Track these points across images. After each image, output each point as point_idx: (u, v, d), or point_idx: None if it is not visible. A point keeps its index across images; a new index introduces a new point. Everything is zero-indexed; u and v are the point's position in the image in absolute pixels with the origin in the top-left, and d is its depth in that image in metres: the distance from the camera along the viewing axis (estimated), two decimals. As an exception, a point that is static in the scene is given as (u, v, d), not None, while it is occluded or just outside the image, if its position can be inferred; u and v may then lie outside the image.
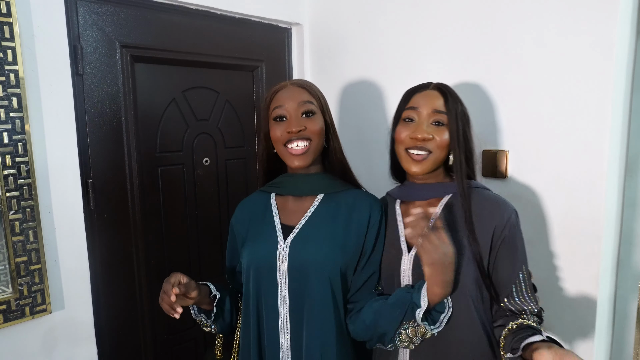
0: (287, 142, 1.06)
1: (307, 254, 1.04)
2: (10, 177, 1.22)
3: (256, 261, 1.08)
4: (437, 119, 1.02)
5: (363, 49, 1.77)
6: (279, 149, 1.09)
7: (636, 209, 1.30)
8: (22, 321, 1.27)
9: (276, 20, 1.87)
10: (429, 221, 0.92)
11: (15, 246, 1.24)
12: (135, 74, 1.53)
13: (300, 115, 1.07)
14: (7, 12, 1.17)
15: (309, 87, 1.11)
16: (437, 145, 1.01)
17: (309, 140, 1.07)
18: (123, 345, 1.57)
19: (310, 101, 1.08)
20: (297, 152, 1.06)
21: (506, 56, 1.36)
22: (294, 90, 1.09)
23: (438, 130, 1.02)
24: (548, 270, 1.34)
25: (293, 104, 1.07)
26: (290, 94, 1.08)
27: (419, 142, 1.01)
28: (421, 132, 1.01)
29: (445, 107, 1.02)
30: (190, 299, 1.04)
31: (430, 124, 1.02)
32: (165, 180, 1.64)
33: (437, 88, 1.06)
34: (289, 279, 1.04)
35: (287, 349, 1.05)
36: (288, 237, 1.07)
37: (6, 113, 1.20)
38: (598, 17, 1.18)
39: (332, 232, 1.06)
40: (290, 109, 1.07)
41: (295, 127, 1.04)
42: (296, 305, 1.04)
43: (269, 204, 1.16)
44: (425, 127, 1.01)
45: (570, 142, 1.27)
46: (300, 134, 1.05)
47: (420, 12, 1.56)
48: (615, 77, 1.19)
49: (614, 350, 1.36)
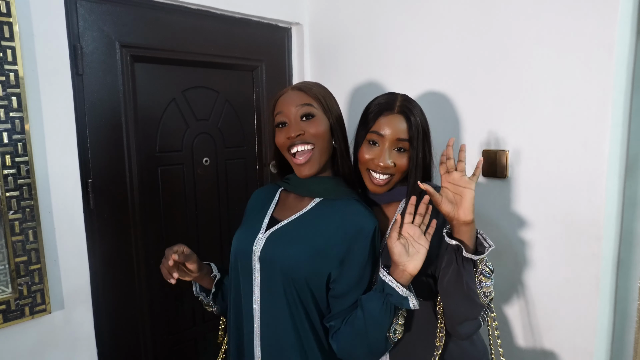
0: (290, 147, 1.06)
1: (276, 249, 1.04)
2: (10, 177, 1.22)
3: (236, 247, 1.12)
4: (400, 146, 1.07)
5: (363, 48, 1.77)
6: (285, 156, 1.10)
7: (636, 209, 1.30)
8: (22, 321, 1.27)
9: (276, 20, 1.87)
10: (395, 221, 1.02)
11: (15, 246, 1.23)
12: (135, 73, 1.53)
13: (300, 119, 1.06)
14: (6, 12, 1.17)
15: (307, 89, 1.09)
16: (397, 169, 1.08)
17: (311, 144, 1.06)
18: (123, 346, 1.57)
19: (308, 103, 1.07)
20: (301, 161, 1.06)
21: (506, 56, 1.36)
22: (292, 94, 1.08)
23: (399, 156, 1.07)
24: (548, 270, 1.34)
25: (291, 108, 1.06)
26: (289, 98, 1.08)
27: (381, 168, 1.07)
28: (384, 160, 1.06)
29: (408, 134, 1.06)
30: (190, 273, 1.11)
31: (393, 150, 1.07)
32: (165, 180, 1.64)
33: (401, 111, 1.08)
34: (260, 269, 1.05)
35: (258, 336, 1.07)
36: (269, 230, 1.08)
37: (6, 113, 1.20)
38: (598, 17, 1.18)
39: (313, 236, 1.04)
40: (289, 114, 1.06)
41: (294, 132, 1.04)
42: (265, 295, 1.05)
43: (273, 196, 1.19)
44: (388, 155, 1.07)
45: (570, 142, 1.26)
46: (300, 138, 1.05)
47: (420, 12, 1.56)
48: (615, 77, 1.18)
49: (614, 350, 1.36)
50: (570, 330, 1.31)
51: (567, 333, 1.32)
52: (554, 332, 1.35)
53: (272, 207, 1.15)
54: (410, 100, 1.11)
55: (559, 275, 1.32)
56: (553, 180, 1.30)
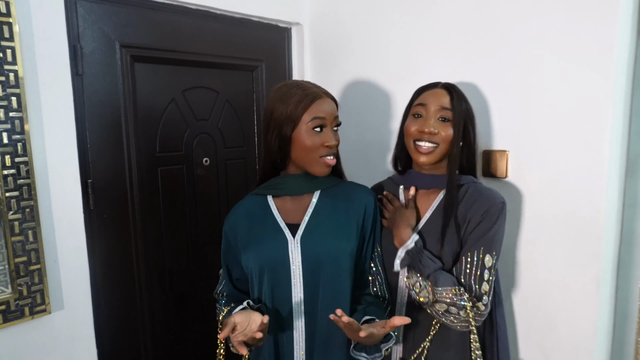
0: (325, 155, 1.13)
1: (319, 246, 1.11)
2: (10, 177, 1.21)
3: (268, 261, 1.12)
4: (443, 115, 1.14)
5: (363, 48, 1.77)
6: (310, 157, 1.13)
7: (636, 209, 1.30)
8: (22, 321, 1.27)
9: (276, 20, 1.87)
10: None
11: (14, 246, 1.23)
12: (135, 74, 1.53)
13: (333, 128, 1.14)
14: (6, 12, 1.17)
15: (335, 100, 1.18)
16: (442, 139, 1.13)
17: (335, 155, 1.16)
18: (123, 346, 1.57)
19: (338, 115, 1.16)
20: (332, 163, 1.14)
21: (507, 56, 1.36)
22: (330, 103, 1.14)
23: (443, 125, 1.13)
24: (548, 270, 1.34)
25: (331, 118, 1.13)
26: (330, 108, 1.13)
27: (426, 135, 1.13)
28: (428, 127, 1.12)
29: (451, 104, 1.13)
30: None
31: (437, 120, 1.14)
32: (165, 180, 1.64)
33: (445, 87, 1.17)
34: (303, 273, 1.11)
35: (301, 339, 1.12)
36: (296, 235, 1.13)
37: (6, 113, 1.20)
38: (598, 17, 1.18)
39: (336, 223, 1.14)
40: (328, 122, 1.12)
41: (333, 142, 1.12)
42: (310, 296, 1.11)
43: (267, 206, 1.19)
44: (433, 122, 1.13)
45: (570, 142, 1.26)
46: (335, 148, 1.14)
47: (421, 12, 1.56)
48: (615, 77, 1.18)
49: (614, 350, 1.36)
50: (570, 330, 1.31)
51: (567, 333, 1.32)
52: (554, 332, 1.35)
53: (277, 215, 1.17)
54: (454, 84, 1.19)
55: (559, 275, 1.32)
56: (553, 180, 1.30)
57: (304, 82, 1.15)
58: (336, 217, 1.15)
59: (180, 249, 1.69)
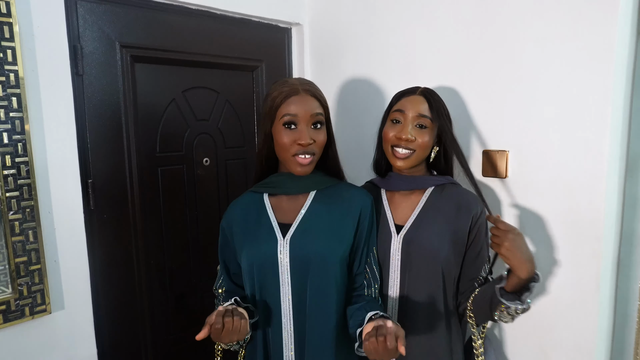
0: (295, 154, 1.08)
1: (307, 248, 1.09)
2: (10, 177, 1.21)
3: (258, 260, 1.11)
4: (421, 122, 1.17)
5: (363, 48, 1.77)
6: (284, 155, 1.10)
7: (636, 209, 1.30)
8: (22, 321, 1.27)
9: (276, 20, 1.87)
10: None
11: (15, 246, 1.23)
12: (135, 74, 1.53)
13: (310, 126, 1.09)
14: (7, 12, 1.17)
15: (319, 96, 1.12)
16: (418, 145, 1.17)
17: (313, 154, 1.10)
18: (123, 345, 1.57)
19: (321, 113, 1.11)
20: (304, 162, 1.09)
21: (506, 56, 1.36)
22: (307, 99, 1.09)
23: (420, 132, 1.17)
24: (548, 270, 1.34)
25: (306, 115, 1.07)
26: (304, 103, 1.08)
27: (403, 142, 1.16)
28: (405, 134, 1.15)
29: (429, 111, 1.17)
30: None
31: (415, 127, 1.17)
32: (165, 180, 1.64)
33: (423, 94, 1.20)
34: (291, 273, 1.09)
35: (290, 340, 1.11)
36: (287, 235, 1.11)
37: (6, 113, 1.20)
38: (598, 17, 1.18)
39: (329, 224, 1.12)
40: (302, 119, 1.08)
41: (305, 140, 1.07)
42: (299, 297, 1.10)
43: (262, 204, 1.18)
44: (410, 129, 1.16)
45: (570, 142, 1.26)
46: (309, 147, 1.08)
47: (421, 12, 1.56)
48: (615, 78, 1.18)
49: (614, 350, 1.36)
50: (570, 330, 1.31)
51: (567, 333, 1.32)
52: (554, 332, 1.35)
53: (272, 214, 1.16)
54: (432, 90, 1.22)
55: (559, 275, 1.32)
56: (553, 180, 1.30)
57: (294, 79, 1.13)
58: (330, 219, 1.13)
59: (180, 249, 1.69)
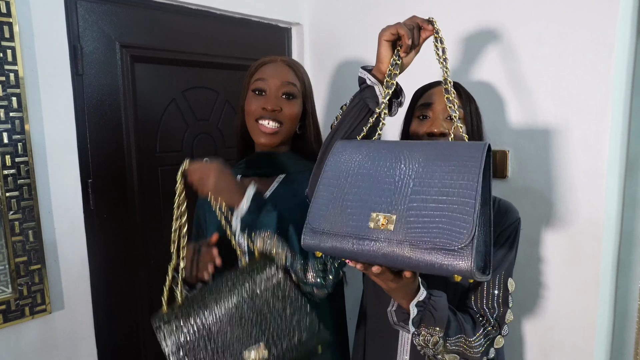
0: (260, 117, 1.05)
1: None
2: (10, 177, 1.21)
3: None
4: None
5: (363, 49, 1.77)
6: (250, 123, 1.08)
7: (636, 209, 1.30)
8: (22, 321, 1.27)
9: (276, 20, 1.87)
10: None
11: (15, 246, 1.23)
12: (135, 74, 1.53)
13: (280, 95, 1.06)
14: (7, 12, 1.17)
15: (296, 69, 1.09)
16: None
17: (280, 123, 1.06)
18: (123, 345, 1.57)
19: (294, 83, 1.07)
20: (267, 130, 1.05)
21: (507, 56, 1.36)
22: (281, 67, 1.07)
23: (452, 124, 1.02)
24: (548, 270, 1.34)
25: (276, 81, 1.05)
26: (277, 70, 1.06)
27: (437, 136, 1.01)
28: (438, 127, 1.00)
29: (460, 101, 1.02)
30: None
31: (446, 119, 1.02)
32: (165, 180, 1.64)
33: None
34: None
35: None
36: None
37: (6, 113, 1.20)
38: (598, 17, 1.18)
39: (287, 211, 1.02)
40: (271, 86, 1.05)
41: (271, 106, 1.03)
42: None
43: None
44: (442, 122, 1.01)
45: (570, 142, 1.26)
46: (274, 114, 1.05)
47: (420, 12, 1.56)
48: (616, 77, 1.18)
49: (614, 350, 1.36)
50: (570, 330, 1.31)
51: (567, 333, 1.32)
52: (554, 332, 1.35)
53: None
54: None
55: (559, 275, 1.32)
56: (553, 180, 1.30)
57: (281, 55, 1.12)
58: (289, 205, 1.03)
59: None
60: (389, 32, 0.90)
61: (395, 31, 0.89)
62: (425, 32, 0.92)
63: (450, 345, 0.90)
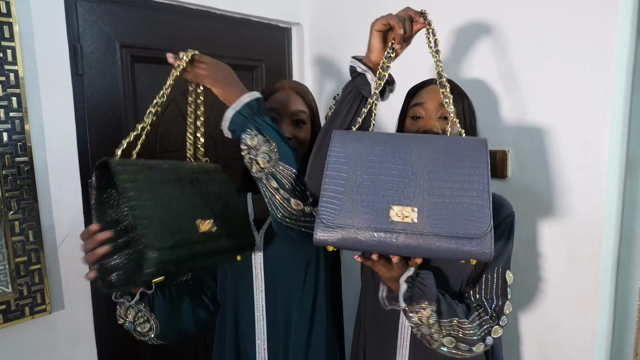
0: None
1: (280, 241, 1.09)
2: (10, 177, 1.21)
3: None
4: (443, 113, 1.02)
5: (363, 49, 1.76)
6: None
7: (636, 209, 1.30)
8: (22, 321, 1.27)
9: (276, 20, 1.87)
10: None
11: (15, 246, 1.23)
12: (135, 74, 1.53)
13: (291, 123, 1.11)
14: (6, 12, 1.17)
15: (304, 95, 1.14)
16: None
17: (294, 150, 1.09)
18: (123, 345, 1.56)
19: (303, 111, 1.12)
20: None
21: (506, 56, 1.36)
22: (291, 96, 1.12)
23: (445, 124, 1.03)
24: (548, 270, 1.34)
25: (286, 110, 1.10)
26: (286, 99, 1.10)
27: None
28: (431, 127, 1.00)
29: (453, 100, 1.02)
30: None
31: (438, 118, 1.02)
32: (165, 180, 1.64)
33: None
34: (263, 266, 1.10)
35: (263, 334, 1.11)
36: (261, 229, 1.12)
37: (6, 113, 1.20)
38: (598, 17, 1.18)
39: None
40: (283, 115, 1.10)
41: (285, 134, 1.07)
42: (271, 290, 1.10)
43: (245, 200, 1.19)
44: (434, 121, 1.01)
45: (570, 142, 1.26)
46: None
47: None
48: (615, 77, 1.19)
49: (614, 350, 1.36)
50: (570, 330, 1.31)
51: (567, 333, 1.32)
52: (554, 332, 1.35)
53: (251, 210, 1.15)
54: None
55: (559, 275, 1.32)
56: (553, 180, 1.30)
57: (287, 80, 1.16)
58: None
59: (180, 249, 1.69)
60: (380, 23, 0.91)
61: (386, 22, 0.90)
62: (417, 25, 0.92)
63: (445, 327, 0.92)
